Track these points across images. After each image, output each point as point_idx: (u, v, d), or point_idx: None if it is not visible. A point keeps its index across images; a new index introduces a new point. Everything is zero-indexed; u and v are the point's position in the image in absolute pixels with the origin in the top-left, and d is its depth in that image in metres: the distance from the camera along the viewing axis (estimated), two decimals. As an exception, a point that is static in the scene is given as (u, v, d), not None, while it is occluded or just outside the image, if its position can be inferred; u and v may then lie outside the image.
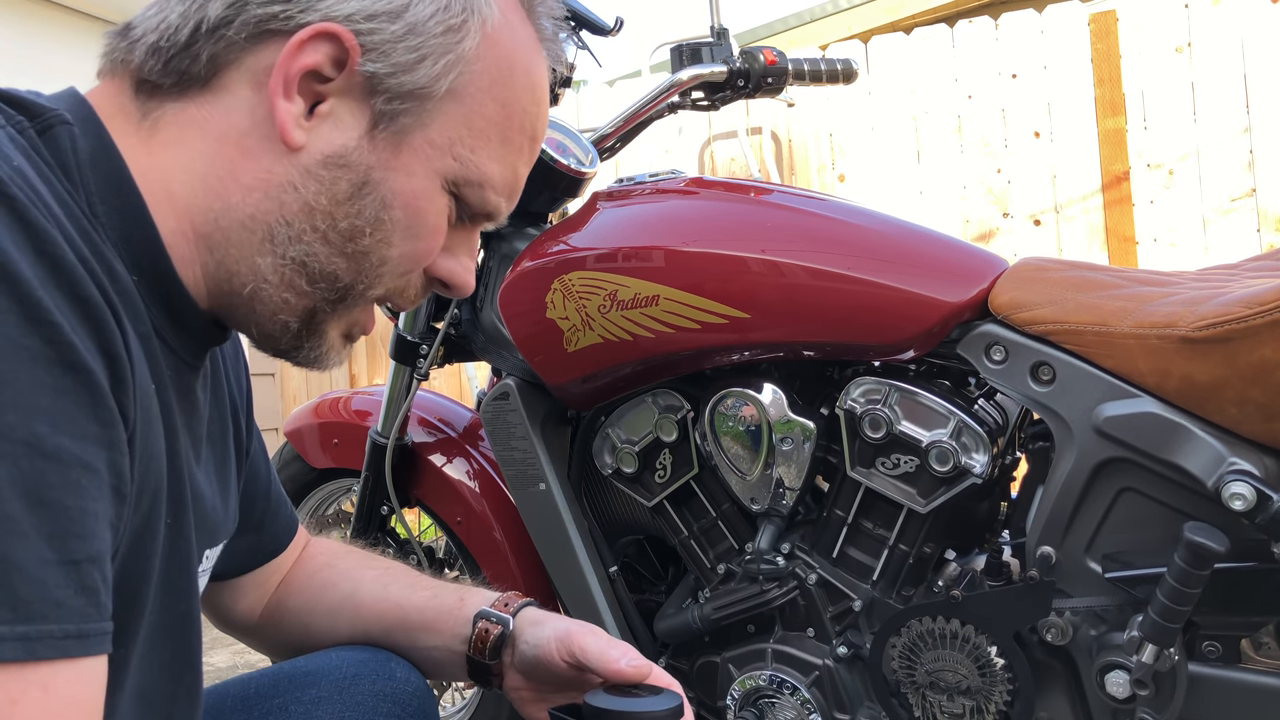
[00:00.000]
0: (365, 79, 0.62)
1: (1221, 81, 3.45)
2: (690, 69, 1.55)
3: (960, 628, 1.18)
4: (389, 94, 0.63)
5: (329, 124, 0.63)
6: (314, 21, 0.60)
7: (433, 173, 0.66)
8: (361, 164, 0.63)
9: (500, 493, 1.59)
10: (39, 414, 0.47)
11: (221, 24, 0.60)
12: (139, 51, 0.62)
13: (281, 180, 0.62)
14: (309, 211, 0.63)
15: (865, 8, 5.53)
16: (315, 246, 0.64)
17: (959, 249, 1.27)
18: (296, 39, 0.60)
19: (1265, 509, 0.98)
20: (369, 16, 0.61)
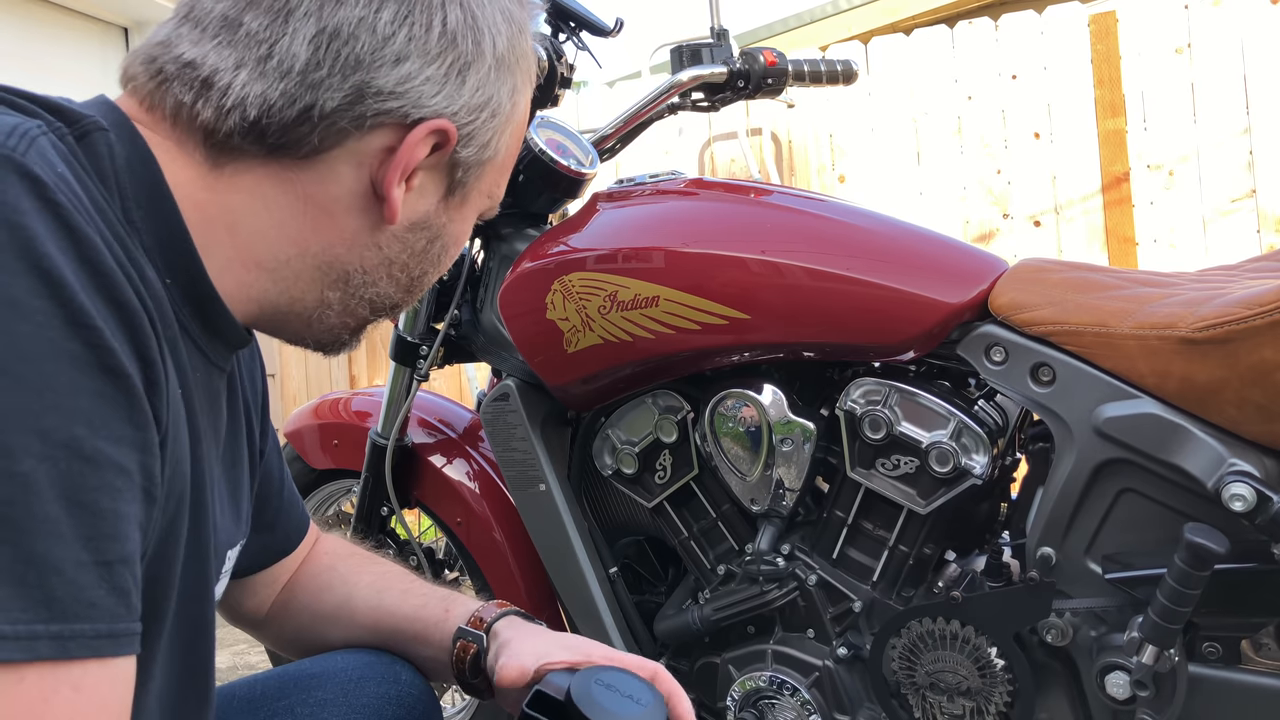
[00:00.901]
0: (453, 159, 0.68)
1: (1221, 82, 3.45)
2: (690, 70, 1.55)
3: (960, 629, 1.18)
4: (467, 167, 0.69)
5: (415, 195, 0.68)
6: (428, 118, 0.65)
7: (475, 213, 0.75)
8: (436, 223, 0.71)
9: (500, 494, 1.59)
10: (79, 417, 0.48)
11: (336, 114, 0.62)
12: (225, 117, 0.62)
13: (366, 241, 0.68)
14: (387, 264, 0.70)
15: (865, 9, 5.53)
16: (384, 288, 0.71)
17: (959, 250, 1.27)
18: (417, 134, 0.64)
19: (1265, 510, 0.98)
20: (471, 110, 0.67)
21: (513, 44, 0.69)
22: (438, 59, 0.64)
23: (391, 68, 0.63)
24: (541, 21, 1.39)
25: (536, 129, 1.42)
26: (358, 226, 0.67)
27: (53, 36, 3.50)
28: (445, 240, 0.73)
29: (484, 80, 0.67)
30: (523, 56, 0.71)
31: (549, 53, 1.31)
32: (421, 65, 0.64)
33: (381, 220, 0.67)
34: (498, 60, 0.68)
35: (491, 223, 1.49)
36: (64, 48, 3.54)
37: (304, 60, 0.61)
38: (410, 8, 0.63)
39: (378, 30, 0.62)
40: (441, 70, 0.65)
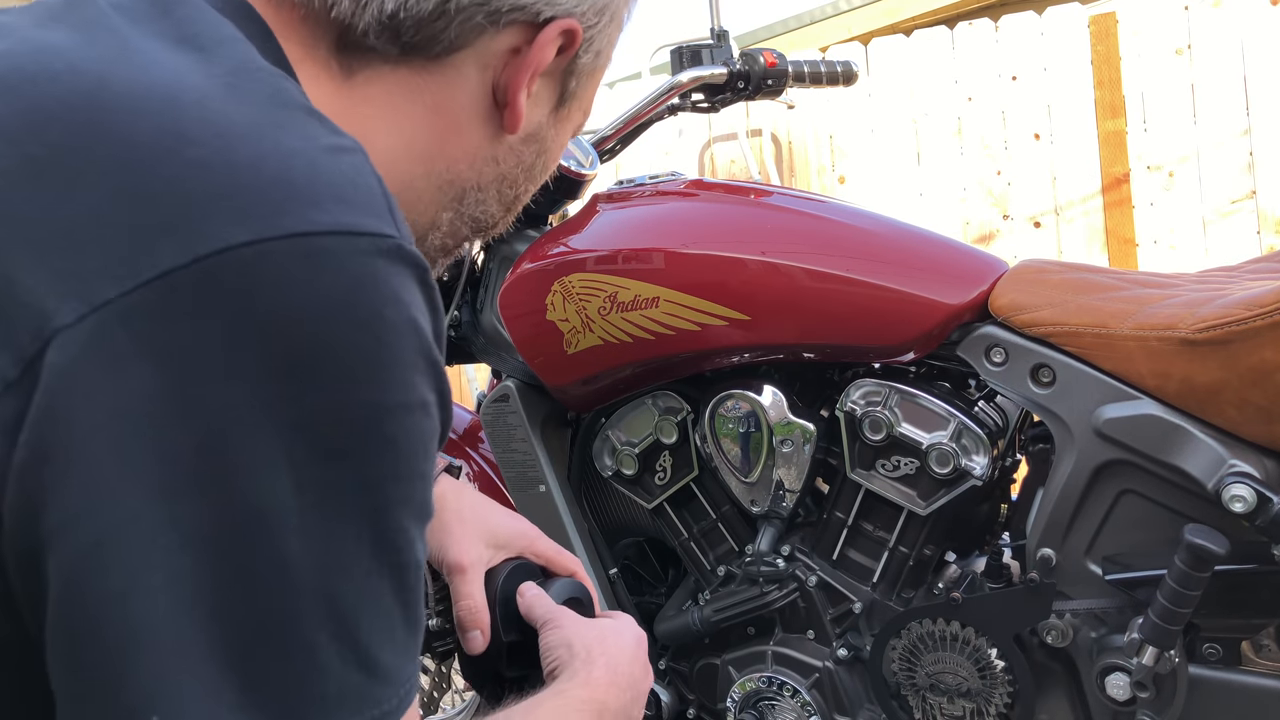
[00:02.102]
0: (571, 65, 0.64)
1: (1221, 83, 3.45)
2: (690, 71, 1.55)
3: (960, 630, 1.18)
4: (581, 74, 0.66)
5: (532, 103, 0.64)
6: (559, 16, 0.61)
7: (573, 128, 0.71)
8: (545, 135, 0.67)
9: (500, 494, 1.59)
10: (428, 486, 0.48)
11: (472, 7, 0.58)
12: (362, 11, 0.57)
13: (487, 155, 0.65)
14: (500, 180, 0.67)
15: (865, 10, 5.53)
16: (492, 207, 0.68)
17: (959, 251, 1.27)
18: (549, 34, 0.61)
19: (1265, 511, 0.98)
20: (597, 11, 0.63)
21: None
22: None
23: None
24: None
25: (536, 130, 1.42)
26: (480, 138, 0.64)
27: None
28: (548, 155, 0.70)
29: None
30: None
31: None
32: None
33: (501, 131, 0.64)
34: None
35: (491, 224, 1.49)
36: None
37: None
38: None
39: None
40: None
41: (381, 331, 0.44)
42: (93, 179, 0.42)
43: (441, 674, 1.77)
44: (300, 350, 0.42)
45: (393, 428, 0.45)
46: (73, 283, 0.40)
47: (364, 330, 0.44)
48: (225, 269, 0.41)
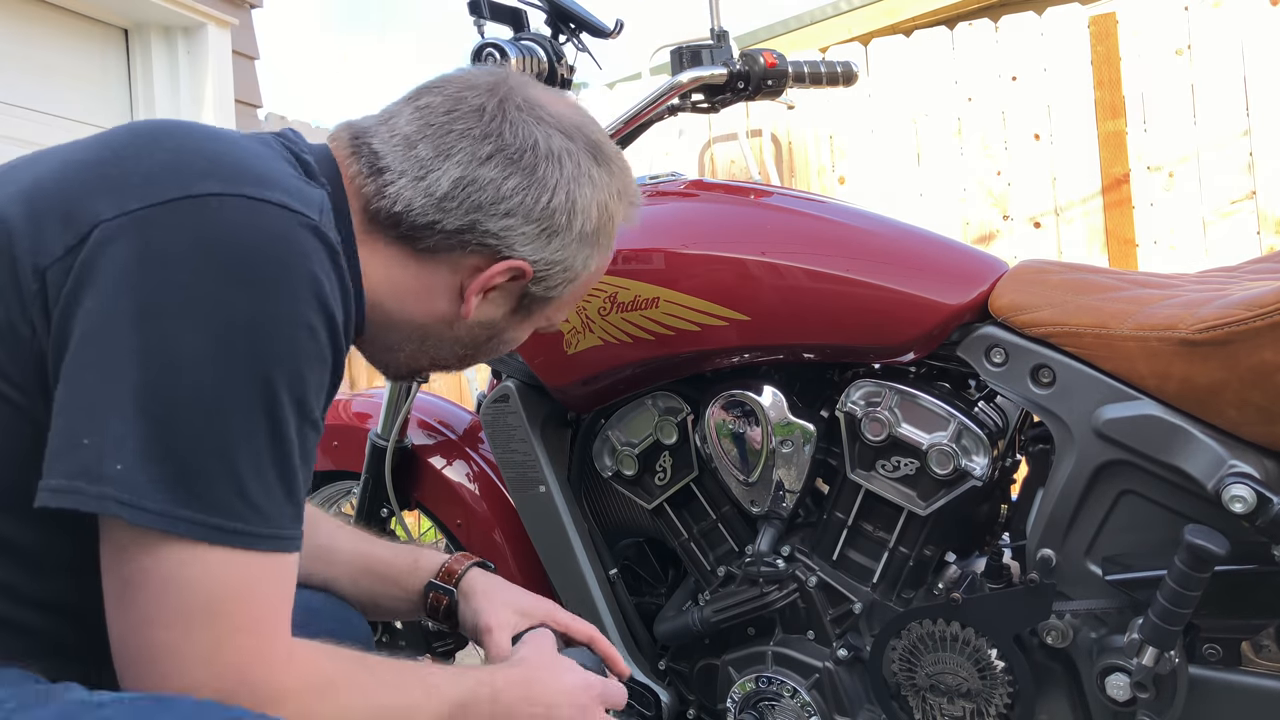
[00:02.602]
0: (525, 290, 0.92)
1: (1221, 84, 3.45)
2: (690, 71, 1.55)
3: (960, 630, 1.18)
4: (534, 298, 0.93)
5: (490, 305, 0.92)
6: (513, 258, 0.88)
7: (534, 327, 0.99)
8: (499, 327, 0.96)
9: (500, 495, 1.59)
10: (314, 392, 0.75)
11: (451, 233, 0.86)
12: (381, 200, 0.86)
13: (444, 321, 0.92)
14: (454, 341, 0.95)
15: (865, 10, 5.52)
16: (445, 355, 0.96)
17: (959, 251, 1.27)
18: (500, 266, 0.88)
19: (1265, 511, 0.98)
20: (548, 263, 0.90)
21: (601, 228, 0.92)
22: (535, 222, 0.87)
23: (500, 218, 0.86)
24: (542, 23, 1.39)
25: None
26: (442, 310, 0.91)
27: (52, 38, 3.50)
28: (503, 340, 0.97)
29: (565, 246, 0.90)
30: (606, 238, 0.94)
31: (548, 54, 1.31)
32: (521, 222, 0.87)
33: (459, 313, 0.91)
34: (581, 236, 0.91)
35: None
36: (63, 49, 3.53)
37: (444, 191, 0.85)
38: (530, 183, 0.86)
39: (500, 191, 0.86)
40: (535, 230, 0.88)
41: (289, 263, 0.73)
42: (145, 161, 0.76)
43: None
44: (232, 258, 0.72)
45: (283, 329, 0.72)
46: (118, 202, 0.73)
47: (276, 259, 0.73)
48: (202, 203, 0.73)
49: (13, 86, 3.37)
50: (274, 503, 0.72)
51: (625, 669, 1.07)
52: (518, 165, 0.86)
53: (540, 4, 1.37)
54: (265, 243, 0.73)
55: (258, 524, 0.71)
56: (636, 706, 1.40)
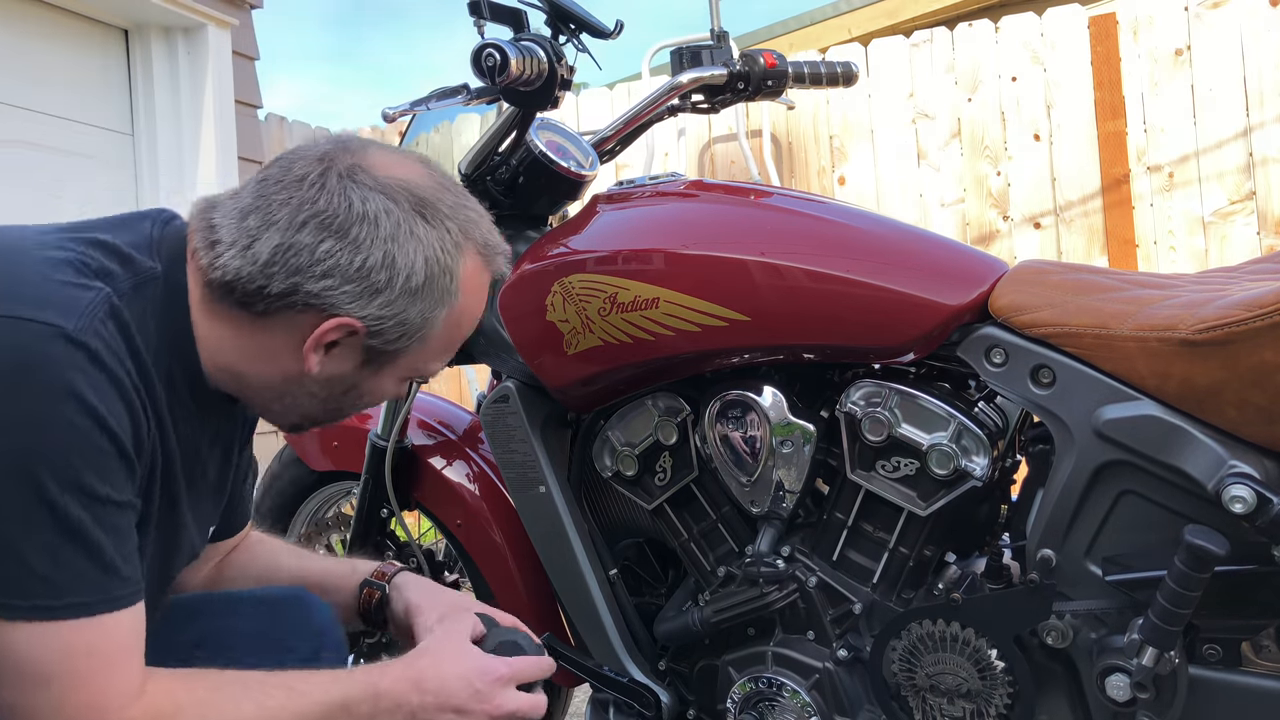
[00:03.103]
0: (365, 344, 0.97)
1: (1221, 84, 3.45)
2: (690, 72, 1.55)
3: (960, 631, 1.18)
4: (377, 352, 0.98)
5: (335, 360, 0.97)
6: (342, 315, 0.93)
7: (397, 379, 1.04)
8: (351, 380, 1.00)
9: (500, 495, 1.59)
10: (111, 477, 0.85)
11: (278, 296, 0.92)
12: (214, 271, 0.93)
13: (294, 379, 0.98)
14: (310, 396, 1.01)
15: (865, 10, 5.53)
16: (309, 408, 1.03)
17: (959, 252, 1.27)
18: (330, 324, 0.93)
19: (1265, 512, 0.98)
20: (377, 319, 0.94)
21: (430, 281, 0.95)
22: (354, 281, 0.92)
23: (319, 280, 0.91)
24: (542, 24, 1.40)
25: (537, 131, 1.42)
26: (290, 369, 0.97)
27: (52, 39, 3.49)
28: (363, 391, 1.03)
29: (391, 302, 0.94)
30: (442, 291, 0.97)
31: (548, 55, 1.31)
32: (340, 282, 0.92)
33: (305, 370, 0.97)
34: (409, 291, 0.94)
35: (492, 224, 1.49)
36: (63, 50, 3.53)
37: (265, 258, 0.91)
38: (344, 246, 0.91)
39: (315, 254, 0.91)
40: (356, 289, 0.92)
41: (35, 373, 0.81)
42: None
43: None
44: None
45: (40, 432, 0.80)
46: None
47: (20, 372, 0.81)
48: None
49: (13, 87, 3.37)
50: (74, 575, 0.82)
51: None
52: (330, 229, 0.91)
53: (540, 5, 1.37)
54: (9, 359, 0.81)
55: (53, 597, 0.81)
56: (636, 707, 1.40)
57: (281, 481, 1.86)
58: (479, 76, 1.30)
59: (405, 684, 0.97)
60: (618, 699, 1.41)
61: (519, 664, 1.06)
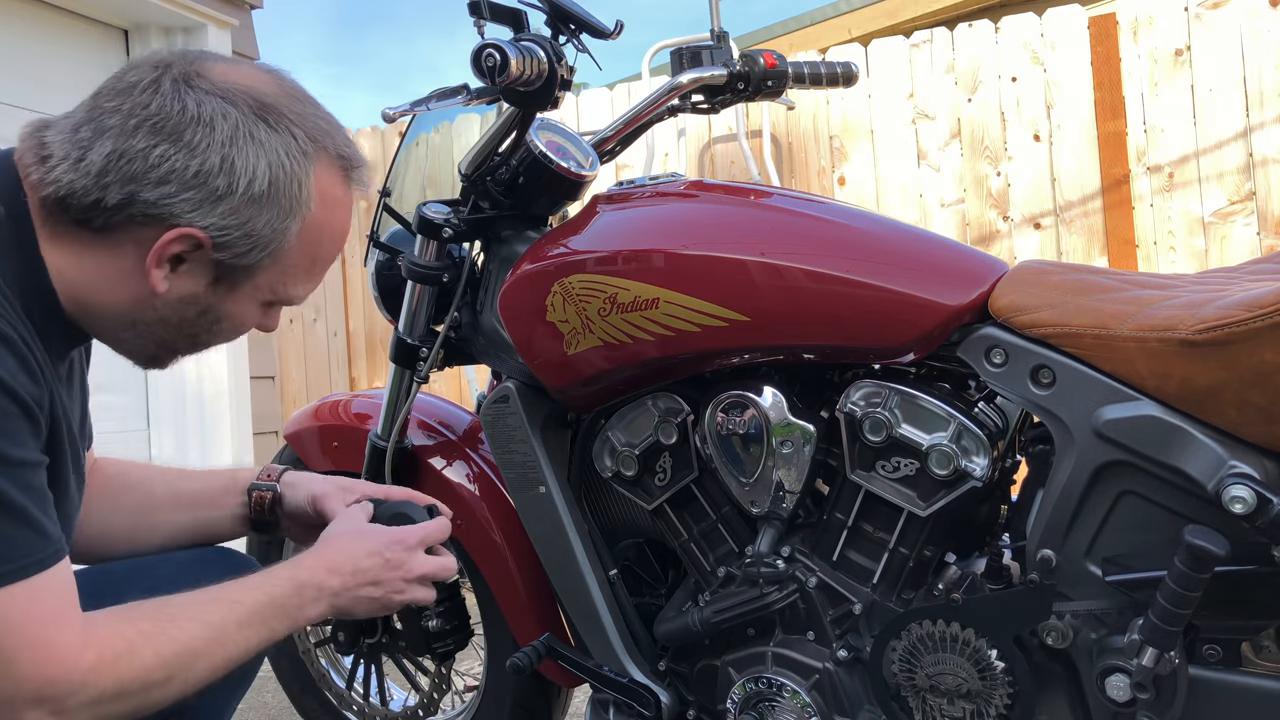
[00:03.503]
0: (214, 260, 0.93)
1: (1221, 85, 3.45)
2: (690, 72, 1.55)
3: (960, 631, 1.18)
4: (228, 268, 0.95)
5: (185, 278, 0.94)
6: (183, 225, 0.90)
7: (255, 301, 1.00)
8: (204, 301, 0.97)
9: (500, 496, 1.59)
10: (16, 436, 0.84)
11: (115, 209, 0.89)
12: (48, 188, 0.89)
13: (144, 303, 0.95)
14: (163, 321, 0.97)
15: (865, 11, 5.53)
16: (164, 335, 0.98)
17: (959, 252, 1.27)
18: (171, 235, 0.90)
19: (1265, 512, 0.98)
20: (221, 228, 0.91)
21: (275, 187, 0.92)
22: (193, 188, 0.89)
23: (155, 187, 0.88)
24: (542, 24, 1.40)
25: (537, 131, 1.42)
26: (138, 290, 0.93)
27: (52, 39, 3.49)
28: (219, 314, 0.99)
29: (234, 210, 0.91)
30: (291, 199, 0.94)
31: (548, 55, 1.31)
32: (179, 189, 0.89)
33: (152, 290, 0.93)
34: (252, 198, 0.91)
35: (491, 225, 1.49)
36: (63, 50, 3.53)
37: (99, 167, 0.88)
38: (178, 149, 0.88)
39: (149, 159, 0.88)
40: (197, 196, 0.89)
41: None
42: None
43: (441, 675, 1.77)
44: None
45: None
46: None
47: None
48: None
49: (13, 87, 3.36)
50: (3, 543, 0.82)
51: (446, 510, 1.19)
52: (163, 133, 0.88)
53: (540, 5, 1.37)
54: None
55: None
56: (636, 707, 1.40)
57: (281, 482, 1.86)
58: (479, 77, 1.30)
59: (321, 572, 1.00)
60: (618, 699, 1.41)
61: (421, 529, 1.10)
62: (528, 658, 1.41)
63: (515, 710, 1.65)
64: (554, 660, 1.45)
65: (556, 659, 1.45)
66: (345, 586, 1.02)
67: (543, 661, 1.43)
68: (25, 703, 0.83)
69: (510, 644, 1.58)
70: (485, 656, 1.71)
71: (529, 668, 1.41)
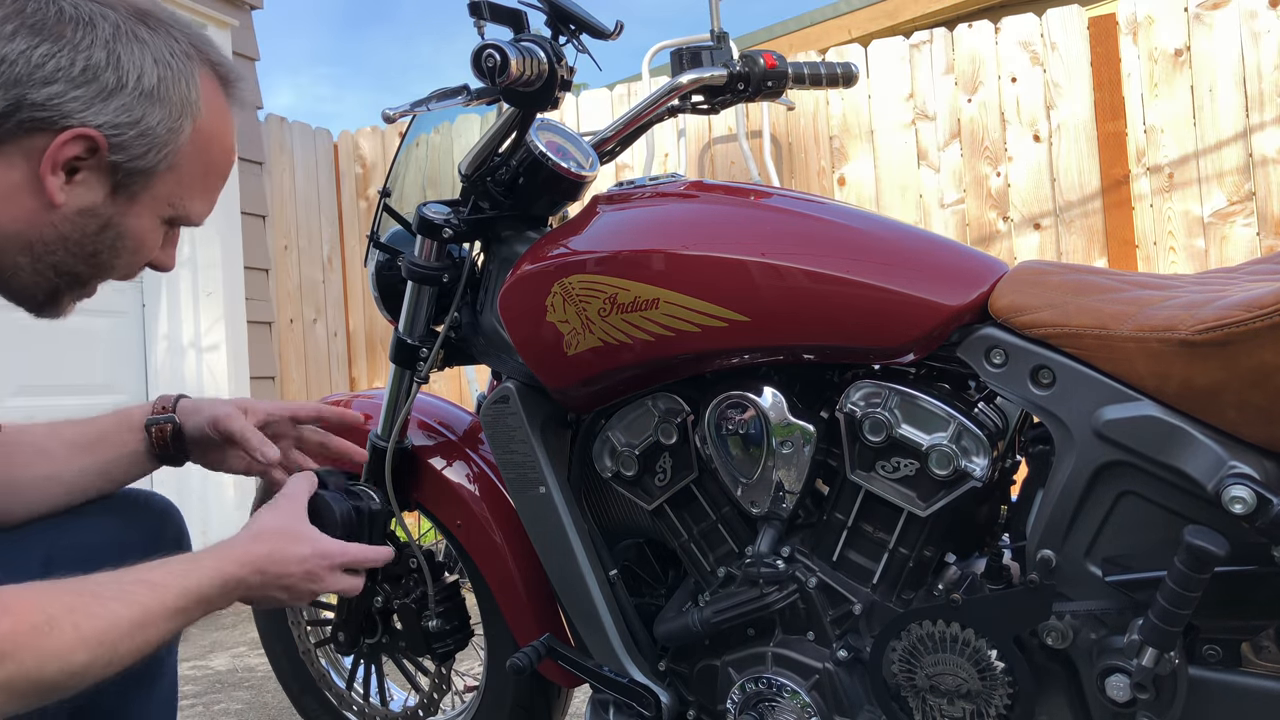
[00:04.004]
0: (110, 164, 0.91)
1: (1221, 85, 3.45)
2: (690, 73, 1.55)
3: (960, 631, 1.18)
4: (125, 172, 0.92)
5: (82, 188, 0.91)
6: (75, 126, 0.87)
7: (155, 215, 0.97)
8: (104, 213, 0.93)
9: (500, 496, 1.59)
10: None
11: (7, 115, 0.86)
12: None
13: (42, 220, 0.91)
14: (63, 239, 0.93)
15: (865, 11, 5.54)
16: (64, 257, 0.94)
17: (959, 252, 1.27)
18: (64, 137, 0.87)
19: (1265, 512, 0.98)
20: (114, 126, 0.89)
21: (165, 84, 0.91)
22: (81, 85, 0.87)
23: (41, 87, 0.86)
24: (542, 24, 1.40)
25: (537, 132, 1.42)
26: (33, 206, 0.89)
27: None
28: (120, 229, 0.95)
29: (128, 107, 0.89)
30: (182, 98, 0.93)
31: (548, 55, 1.31)
32: (67, 87, 0.87)
33: (49, 203, 0.89)
34: (143, 94, 0.90)
35: (491, 225, 1.49)
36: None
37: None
38: (60, 47, 0.86)
39: (32, 60, 0.86)
40: (88, 94, 0.87)
41: None
42: None
43: (441, 675, 1.77)
44: None
45: None
46: None
47: None
48: None
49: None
50: None
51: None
52: (41, 33, 0.87)
53: (540, 6, 1.37)
54: None
55: None
56: (636, 707, 1.40)
57: (281, 482, 1.86)
58: (479, 77, 1.30)
59: (249, 569, 0.99)
60: (618, 699, 1.41)
61: (355, 552, 1.10)
62: (528, 658, 1.41)
63: (515, 710, 1.65)
64: (554, 660, 1.45)
65: (556, 659, 1.45)
66: (263, 584, 1.01)
67: (543, 662, 1.44)
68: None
69: (510, 644, 1.58)
70: (485, 656, 1.71)
71: (529, 668, 1.41)
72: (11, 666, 0.79)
